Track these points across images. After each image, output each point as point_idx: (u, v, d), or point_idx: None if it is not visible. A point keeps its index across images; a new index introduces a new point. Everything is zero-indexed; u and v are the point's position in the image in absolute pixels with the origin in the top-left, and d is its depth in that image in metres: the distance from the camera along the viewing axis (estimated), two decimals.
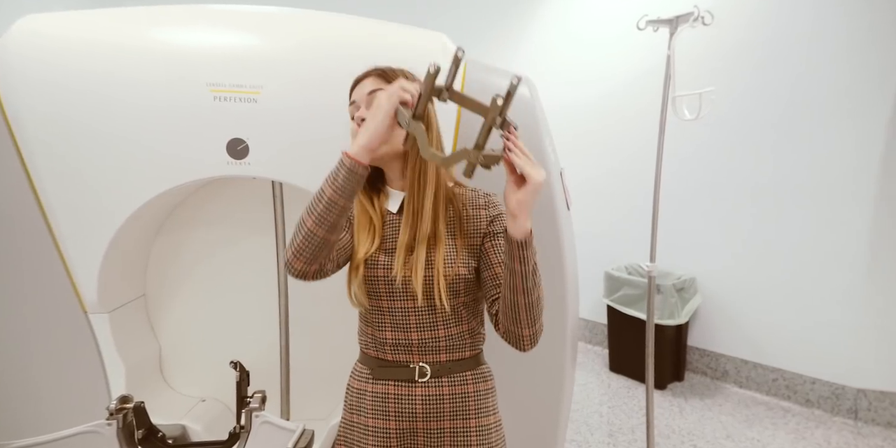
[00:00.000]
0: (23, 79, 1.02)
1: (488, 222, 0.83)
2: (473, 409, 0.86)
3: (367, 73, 0.86)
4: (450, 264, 0.80)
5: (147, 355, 1.38)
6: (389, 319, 0.84)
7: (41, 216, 1.11)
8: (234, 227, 1.45)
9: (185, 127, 1.08)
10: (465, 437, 0.86)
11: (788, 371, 2.21)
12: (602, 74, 2.75)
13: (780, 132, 2.20)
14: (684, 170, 2.47)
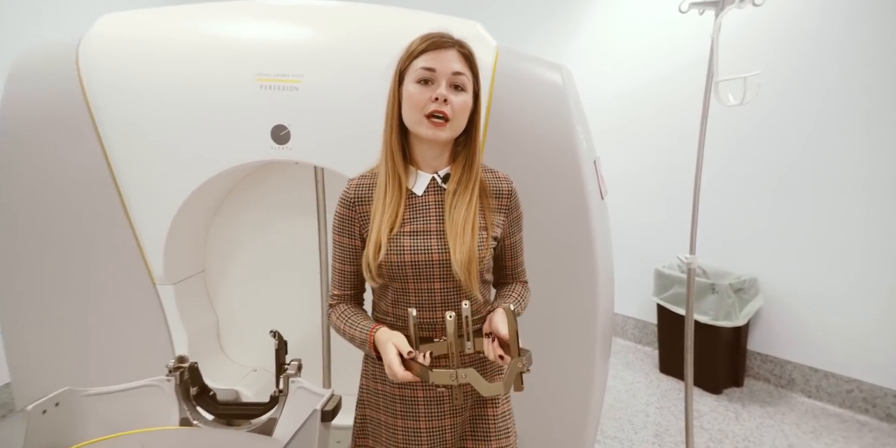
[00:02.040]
0: (103, 72, 1.17)
1: (507, 205, 0.87)
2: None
3: (450, 43, 0.80)
4: (482, 248, 0.82)
5: (206, 325, 1.53)
6: (414, 299, 0.83)
7: (118, 198, 1.26)
8: (281, 209, 1.56)
9: (236, 114, 1.19)
10: (485, 424, 0.88)
11: (867, 382, 1.99)
12: (646, 61, 2.62)
13: (846, 120, 1.99)
14: (744, 162, 2.30)
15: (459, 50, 0.81)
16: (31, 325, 1.31)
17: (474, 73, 0.83)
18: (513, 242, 0.90)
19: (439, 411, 0.86)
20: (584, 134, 1.30)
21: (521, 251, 0.93)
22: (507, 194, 0.87)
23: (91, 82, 1.17)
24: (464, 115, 0.81)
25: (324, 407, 0.92)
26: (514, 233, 0.90)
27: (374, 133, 1.17)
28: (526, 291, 0.92)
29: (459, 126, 0.82)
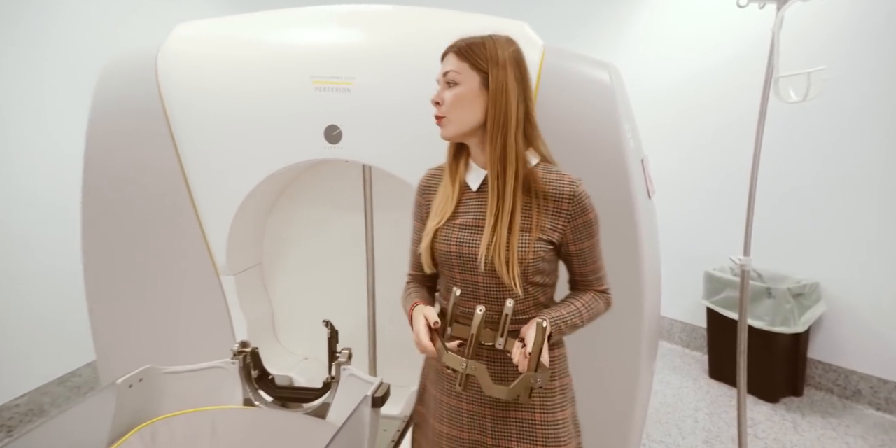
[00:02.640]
0: (177, 77, 1.28)
1: (569, 210, 0.81)
2: (537, 396, 0.85)
3: (448, 49, 0.84)
4: (523, 249, 0.80)
5: (262, 315, 1.62)
6: (460, 289, 0.86)
7: (188, 194, 1.37)
8: (331, 206, 1.63)
9: (293, 116, 1.26)
10: (531, 429, 0.85)
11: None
12: (696, 55, 2.52)
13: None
14: (805, 160, 2.17)
15: (455, 52, 0.82)
16: (113, 310, 1.45)
17: (476, 66, 0.80)
18: (579, 250, 0.84)
19: (479, 397, 0.88)
20: (632, 132, 1.28)
21: (592, 260, 0.86)
22: (568, 198, 0.81)
23: (166, 86, 1.28)
24: (458, 107, 0.81)
25: (374, 393, 0.97)
26: (581, 240, 0.83)
27: (421, 133, 1.22)
28: (595, 302, 0.87)
29: (460, 119, 0.81)
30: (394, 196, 1.56)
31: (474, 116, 0.81)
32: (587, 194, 0.83)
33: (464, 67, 0.81)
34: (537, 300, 0.85)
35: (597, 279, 0.88)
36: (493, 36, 0.83)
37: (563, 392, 0.88)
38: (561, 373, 0.89)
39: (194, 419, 1.02)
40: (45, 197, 1.96)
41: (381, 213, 1.57)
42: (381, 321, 1.62)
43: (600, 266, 0.88)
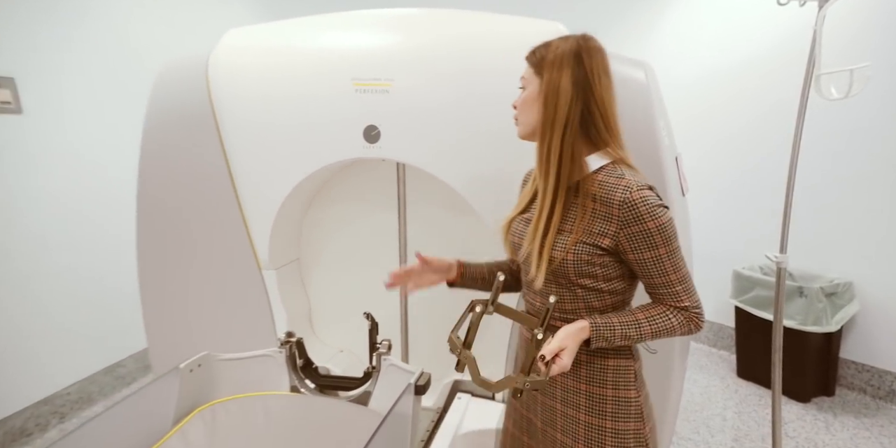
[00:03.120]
0: (225, 81, 1.34)
1: (619, 216, 0.77)
2: (584, 397, 0.85)
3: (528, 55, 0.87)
4: (559, 249, 0.80)
5: (300, 308, 1.69)
6: (525, 278, 0.91)
7: (233, 192, 1.43)
8: (366, 203, 1.68)
9: (334, 117, 1.31)
10: (570, 423, 0.86)
11: None
12: (732, 50, 2.49)
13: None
14: (837, 158, 2.14)
15: (526, 57, 0.87)
16: (163, 301, 1.53)
17: (537, 70, 0.83)
18: (639, 259, 0.78)
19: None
20: (667, 130, 1.29)
21: (660, 272, 0.78)
22: (619, 204, 0.76)
23: (216, 90, 1.34)
24: (523, 110, 0.85)
25: (416, 382, 1.01)
26: (639, 249, 0.77)
27: (457, 132, 1.26)
28: (664, 317, 0.79)
29: (525, 121, 0.86)
30: (426, 193, 1.60)
31: (535, 117, 0.83)
32: (648, 204, 0.75)
33: (529, 72, 0.85)
34: (590, 304, 0.83)
35: (670, 293, 0.79)
36: (568, 37, 0.83)
37: (616, 403, 0.84)
38: (616, 384, 0.84)
39: (247, 403, 1.08)
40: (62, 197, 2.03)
41: (413, 210, 1.62)
42: (413, 316, 1.67)
43: (673, 280, 0.78)
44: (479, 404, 1.42)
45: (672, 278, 0.79)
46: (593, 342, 0.78)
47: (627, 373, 0.85)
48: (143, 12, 2.23)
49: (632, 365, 0.86)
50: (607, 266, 0.80)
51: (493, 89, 1.23)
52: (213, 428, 0.99)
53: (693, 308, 0.80)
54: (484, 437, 1.31)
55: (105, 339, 2.11)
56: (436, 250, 1.69)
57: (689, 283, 0.81)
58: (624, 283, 0.83)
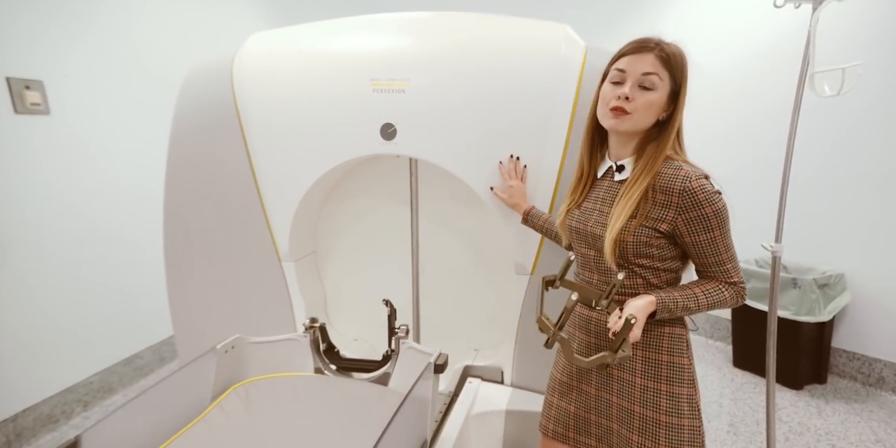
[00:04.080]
0: (249, 82, 1.41)
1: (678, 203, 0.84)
2: (640, 362, 0.92)
3: (648, 47, 0.87)
4: (625, 231, 0.87)
5: (317, 298, 1.76)
6: (579, 260, 1.01)
7: (255, 187, 1.51)
8: (379, 198, 1.76)
9: (353, 115, 1.38)
10: (626, 387, 0.93)
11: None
12: (730, 50, 2.57)
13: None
14: (830, 154, 2.23)
15: (658, 54, 0.86)
16: (189, 291, 1.60)
17: (672, 74, 0.87)
18: (695, 242, 0.86)
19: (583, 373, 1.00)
20: None
21: (713, 252, 0.86)
22: (679, 193, 0.84)
23: (240, 90, 1.41)
24: (647, 110, 0.87)
25: (436, 360, 1.09)
26: (696, 232, 0.85)
27: (469, 129, 1.34)
28: (718, 291, 0.87)
29: (641, 120, 0.88)
30: (438, 189, 1.68)
31: (651, 121, 0.89)
32: (706, 191, 0.83)
33: (665, 75, 0.87)
34: (647, 280, 0.91)
35: (721, 271, 0.88)
36: (670, 42, 0.89)
37: (670, 367, 0.91)
38: (671, 350, 0.91)
39: (278, 382, 1.16)
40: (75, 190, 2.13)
41: (425, 205, 1.69)
42: (425, 306, 1.74)
43: (724, 259, 0.87)
44: (489, 388, 1.50)
45: (724, 257, 0.87)
46: (658, 313, 0.86)
47: (681, 340, 0.93)
48: (162, 18, 2.30)
49: (684, 333, 0.94)
50: (663, 248, 0.89)
51: (503, 88, 1.31)
52: (249, 404, 1.07)
53: (740, 283, 0.90)
54: (494, 418, 1.39)
55: (124, 332, 2.19)
56: (447, 243, 1.78)
57: (737, 261, 0.90)
58: (677, 263, 0.92)
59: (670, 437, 0.89)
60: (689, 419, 0.89)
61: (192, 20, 2.47)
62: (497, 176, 1.35)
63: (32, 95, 1.76)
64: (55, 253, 1.90)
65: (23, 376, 1.80)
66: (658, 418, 0.90)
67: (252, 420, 1.02)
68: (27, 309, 1.81)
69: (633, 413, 0.92)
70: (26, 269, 1.81)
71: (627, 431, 0.93)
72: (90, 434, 0.79)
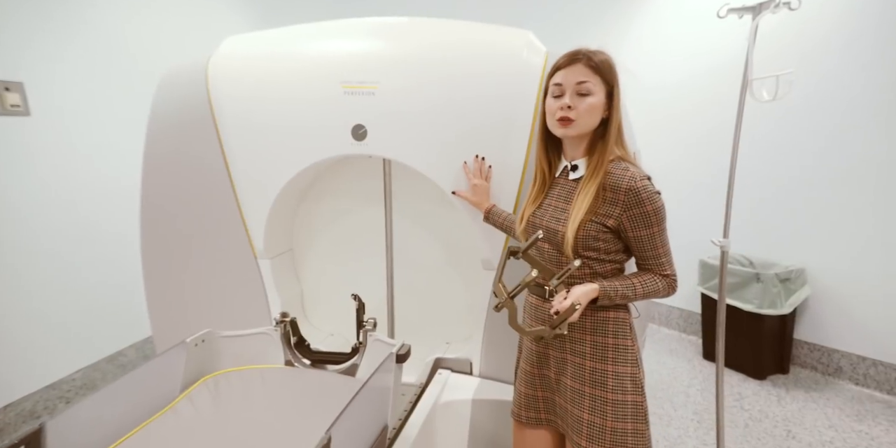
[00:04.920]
0: (223, 83, 1.45)
1: (624, 201, 0.92)
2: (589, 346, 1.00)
3: (577, 59, 0.95)
4: (579, 226, 0.95)
5: (293, 295, 1.81)
6: (536, 252, 1.07)
7: (231, 186, 1.55)
8: (354, 198, 1.81)
9: (324, 116, 1.43)
10: (578, 369, 1.01)
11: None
12: (687, 61, 2.66)
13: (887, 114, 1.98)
14: (791, 156, 2.32)
15: (587, 63, 0.95)
16: (167, 288, 1.64)
17: (605, 79, 0.95)
18: (636, 236, 0.94)
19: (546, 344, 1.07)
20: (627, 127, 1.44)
21: (651, 246, 0.95)
22: (625, 191, 0.92)
23: (215, 92, 1.46)
24: (588, 113, 0.95)
25: (398, 351, 1.15)
26: (637, 228, 0.93)
27: (437, 131, 1.39)
28: (653, 281, 0.96)
29: (586, 123, 0.96)
30: (411, 188, 1.74)
31: (595, 122, 0.97)
32: (648, 191, 0.91)
33: (597, 81, 0.95)
34: (594, 270, 0.99)
35: (657, 264, 0.97)
36: (597, 50, 0.97)
37: (615, 349, 0.99)
38: (615, 333, 0.99)
39: (247, 374, 1.21)
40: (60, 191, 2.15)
41: (398, 205, 1.75)
42: (399, 302, 1.80)
43: (660, 253, 0.96)
44: (458, 379, 1.56)
45: (660, 252, 0.97)
46: (600, 300, 0.95)
47: (625, 324, 1.01)
48: (142, 20, 2.32)
49: (627, 317, 1.02)
50: (609, 241, 0.97)
51: (468, 92, 1.36)
52: (217, 394, 1.12)
53: (673, 276, 0.99)
54: (461, 407, 1.45)
55: (108, 329, 2.22)
56: (420, 241, 1.83)
57: (671, 256, 1.00)
58: (621, 255, 1.00)
59: (616, 412, 0.96)
60: (632, 395, 0.97)
61: (175, 22, 2.50)
62: (463, 177, 1.41)
63: (12, 97, 1.78)
64: (40, 250, 1.93)
65: (5, 372, 1.84)
66: (605, 396, 0.97)
67: (220, 409, 1.07)
68: (10, 305, 1.85)
69: (584, 393, 1.00)
70: (12, 265, 1.83)
71: (579, 411, 1.00)
72: (55, 422, 0.84)
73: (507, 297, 0.94)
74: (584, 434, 0.99)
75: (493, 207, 1.34)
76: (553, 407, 1.10)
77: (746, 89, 1.33)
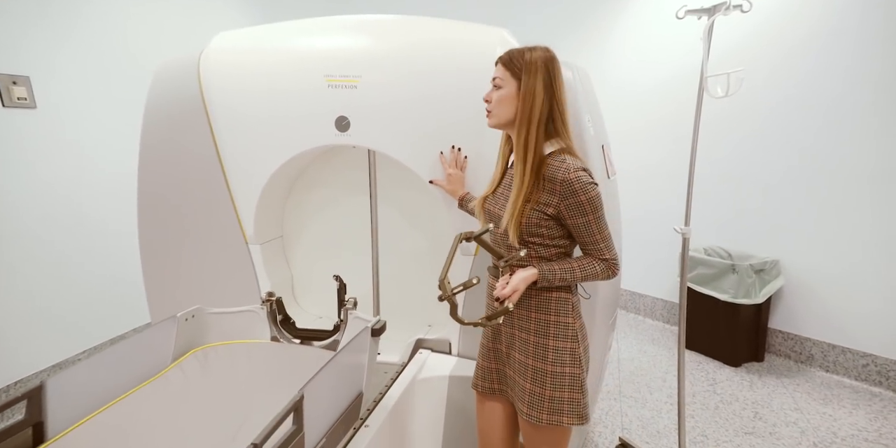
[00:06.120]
0: (214, 77, 1.54)
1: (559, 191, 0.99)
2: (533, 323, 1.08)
3: (499, 58, 1.06)
4: (519, 213, 1.03)
5: (283, 279, 1.90)
6: (493, 237, 1.16)
7: (222, 174, 1.64)
8: (341, 188, 1.89)
9: (309, 108, 1.51)
10: (524, 344, 1.09)
11: (882, 357, 2.06)
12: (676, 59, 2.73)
13: (862, 111, 2.05)
14: (766, 152, 2.40)
15: (500, 60, 1.06)
16: (163, 272, 1.73)
17: (514, 74, 1.02)
18: (574, 224, 1.01)
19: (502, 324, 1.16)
20: (593, 122, 1.51)
21: (588, 233, 1.01)
22: (560, 182, 0.98)
23: (207, 85, 1.54)
24: (500, 105, 1.04)
25: (373, 325, 1.24)
26: (574, 216, 1.00)
27: (416, 123, 1.47)
28: (592, 265, 1.03)
29: (500, 114, 1.05)
30: (394, 178, 1.82)
31: (511, 113, 1.04)
32: (582, 182, 0.97)
33: (506, 75, 1.03)
34: (539, 254, 1.06)
35: (596, 249, 1.03)
36: (534, 47, 1.03)
37: (556, 325, 1.07)
38: (558, 311, 1.07)
39: (234, 348, 1.30)
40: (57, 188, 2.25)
41: (383, 194, 1.83)
42: (384, 286, 1.89)
43: (598, 239, 1.02)
44: (437, 358, 1.65)
45: (597, 238, 1.03)
46: (539, 283, 1.03)
47: (567, 303, 1.08)
48: (144, 17, 2.41)
49: (570, 298, 1.09)
50: (551, 228, 1.04)
51: (445, 86, 1.44)
52: (206, 364, 1.21)
53: (612, 260, 1.05)
54: (437, 382, 1.54)
55: (108, 315, 2.32)
56: (403, 229, 1.92)
57: (610, 241, 1.05)
58: (565, 241, 1.07)
59: (554, 383, 1.05)
60: (570, 367, 1.05)
61: (176, 18, 2.58)
62: (440, 166, 1.49)
63: (19, 90, 1.87)
64: (42, 240, 2.02)
65: (10, 355, 1.93)
66: (545, 368, 1.06)
67: (208, 378, 1.16)
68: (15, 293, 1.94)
69: (528, 365, 1.08)
70: (15, 255, 1.93)
71: (523, 380, 1.09)
72: (54, 380, 0.93)
73: (449, 294, 1.00)
74: (526, 402, 1.08)
75: (467, 195, 1.42)
76: (504, 378, 1.19)
77: (703, 86, 1.40)
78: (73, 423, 0.93)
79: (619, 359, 2.52)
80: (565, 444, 1.11)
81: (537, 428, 1.08)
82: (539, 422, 1.05)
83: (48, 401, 0.91)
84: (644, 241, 2.94)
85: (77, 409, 0.95)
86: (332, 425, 1.02)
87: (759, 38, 2.31)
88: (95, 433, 0.91)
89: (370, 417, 1.23)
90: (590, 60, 3.01)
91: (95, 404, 0.99)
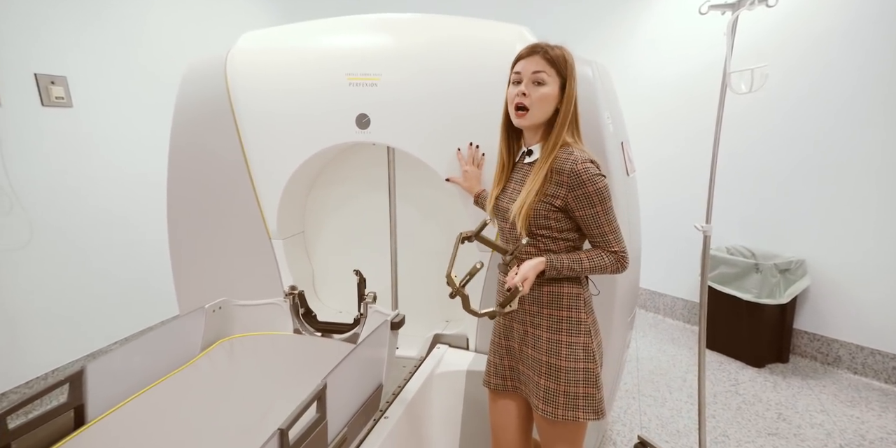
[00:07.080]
0: (241, 76, 1.58)
1: (568, 183, 1.00)
2: (545, 319, 1.08)
3: (535, 51, 1.02)
4: (530, 206, 1.03)
5: (305, 274, 1.94)
6: (500, 231, 1.17)
7: (247, 171, 1.68)
8: (361, 185, 1.92)
9: (331, 106, 1.54)
10: (536, 340, 1.10)
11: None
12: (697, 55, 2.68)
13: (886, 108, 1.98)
14: (791, 150, 2.33)
15: (543, 55, 1.02)
16: (190, 265, 1.79)
17: (559, 71, 1.01)
18: (582, 216, 1.01)
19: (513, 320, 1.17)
20: (612, 119, 1.50)
21: (597, 225, 1.02)
22: (567, 174, 0.99)
23: (233, 84, 1.59)
24: (541, 102, 1.02)
25: (392, 319, 1.26)
26: (582, 208, 1.00)
27: (436, 120, 1.49)
28: (601, 257, 1.03)
29: (539, 112, 1.03)
30: (413, 175, 1.84)
31: (549, 111, 1.04)
32: (589, 173, 0.98)
33: (552, 72, 1.02)
34: (548, 247, 1.07)
35: (604, 241, 1.03)
36: (560, 45, 1.05)
37: (568, 321, 1.07)
38: (569, 307, 1.07)
39: (259, 339, 1.34)
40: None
41: (402, 190, 1.86)
42: (402, 282, 1.91)
43: (606, 231, 1.02)
44: (454, 353, 1.67)
45: (605, 230, 1.03)
46: (547, 272, 1.02)
47: (578, 298, 1.08)
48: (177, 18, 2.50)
49: (581, 292, 1.09)
50: (560, 220, 1.04)
51: (464, 83, 1.45)
52: (232, 354, 1.25)
53: (621, 252, 1.05)
54: (454, 377, 1.56)
55: (138, 308, 2.41)
56: (422, 226, 1.94)
57: (619, 233, 1.05)
58: (574, 234, 1.07)
59: (568, 378, 1.06)
60: (584, 363, 1.06)
61: (207, 20, 2.66)
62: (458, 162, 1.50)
63: (57, 90, 1.96)
64: (76, 234, 2.12)
65: (42, 344, 2.03)
66: (559, 364, 1.06)
67: (234, 368, 1.20)
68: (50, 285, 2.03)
69: (541, 361, 1.09)
70: (50, 249, 2.02)
71: (537, 377, 1.10)
72: (94, 366, 0.98)
73: (458, 287, 1.02)
74: (541, 397, 1.08)
75: (483, 192, 1.43)
76: (518, 375, 1.19)
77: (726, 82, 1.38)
78: (111, 407, 0.99)
79: (638, 358, 2.50)
80: (581, 439, 1.11)
81: (553, 423, 1.09)
82: (554, 417, 1.06)
83: (88, 385, 0.97)
84: (662, 239, 2.90)
85: (114, 394, 1.00)
86: (354, 415, 1.05)
87: (778, 35, 2.25)
88: (134, 415, 0.96)
89: (389, 409, 1.26)
90: (612, 57, 2.98)
91: (131, 389, 1.04)
